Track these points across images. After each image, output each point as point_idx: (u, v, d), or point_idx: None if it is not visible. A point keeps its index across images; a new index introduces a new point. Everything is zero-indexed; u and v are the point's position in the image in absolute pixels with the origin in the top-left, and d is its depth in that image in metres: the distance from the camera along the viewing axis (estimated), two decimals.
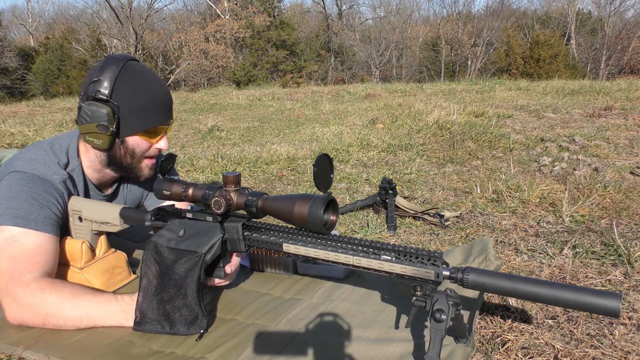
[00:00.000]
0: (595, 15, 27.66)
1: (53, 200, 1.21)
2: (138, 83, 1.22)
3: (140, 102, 1.22)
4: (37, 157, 1.24)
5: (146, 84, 1.23)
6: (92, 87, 1.19)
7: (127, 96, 1.20)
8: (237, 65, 23.56)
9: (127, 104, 1.20)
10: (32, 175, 1.19)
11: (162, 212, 1.21)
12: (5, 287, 1.10)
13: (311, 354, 1.03)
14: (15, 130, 4.73)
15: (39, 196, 1.18)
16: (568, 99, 6.16)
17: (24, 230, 1.14)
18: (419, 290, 0.93)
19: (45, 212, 1.18)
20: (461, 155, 3.18)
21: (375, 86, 10.85)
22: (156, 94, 1.25)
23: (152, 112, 1.25)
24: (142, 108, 1.23)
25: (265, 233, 1.09)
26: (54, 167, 1.24)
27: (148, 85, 1.24)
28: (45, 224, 1.17)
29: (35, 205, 1.17)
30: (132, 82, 1.21)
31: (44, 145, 1.28)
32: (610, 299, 0.80)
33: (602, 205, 2.02)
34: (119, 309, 1.12)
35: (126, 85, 1.20)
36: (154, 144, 1.30)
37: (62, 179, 1.24)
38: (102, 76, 1.18)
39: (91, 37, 24.10)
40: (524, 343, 1.06)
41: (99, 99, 1.18)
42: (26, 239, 1.14)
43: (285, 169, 3.02)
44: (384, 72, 27.75)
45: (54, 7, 53.94)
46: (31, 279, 1.10)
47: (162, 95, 1.27)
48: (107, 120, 1.18)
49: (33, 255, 1.13)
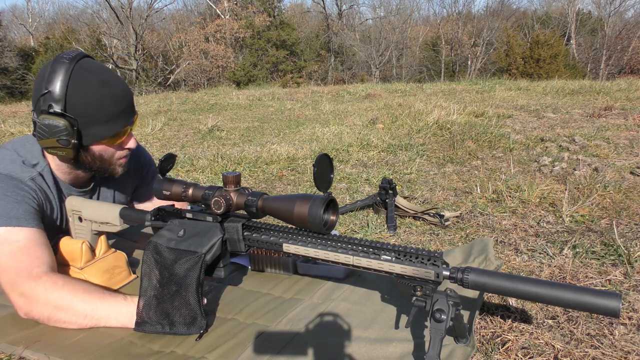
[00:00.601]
0: (595, 15, 27.67)
1: (26, 195, 1.18)
2: (92, 90, 1.15)
3: (99, 111, 1.16)
4: (2, 158, 1.21)
5: (102, 89, 1.16)
6: (42, 101, 1.12)
7: (84, 107, 1.14)
8: (237, 65, 23.56)
9: (85, 115, 1.15)
10: (0, 175, 1.17)
11: (162, 212, 1.21)
12: (12, 283, 1.10)
13: (311, 354, 1.03)
14: (15, 130, 4.73)
15: (11, 193, 1.16)
16: (568, 99, 6.16)
17: (7, 229, 1.13)
18: (419, 290, 0.93)
19: (22, 207, 1.16)
20: (461, 155, 3.18)
21: (375, 86, 10.85)
22: (114, 98, 1.18)
23: (113, 118, 1.19)
24: (101, 117, 1.17)
25: (265, 233, 1.09)
26: (21, 166, 1.21)
27: (104, 90, 1.17)
28: (27, 219, 1.16)
29: (10, 202, 1.15)
30: (86, 89, 1.14)
31: (7, 146, 1.26)
32: (610, 299, 0.80)
33: (602, 205, 2.02)
34: (126, 310, 1.12)
35: (80, 94, 1.13)
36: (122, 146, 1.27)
37: (31, 176, 1.21)
38: (51, 86, 1.11)
39: (91, 37, 24.11)
40: (524, 343, 1.06)
41: (54, 113, 1.11)
42: (15, 236, 1.13)
43: (285, 169, 3.03)
44: (384, 72, 27.76)
45: (54, 7, 54.00)
46: (42, 273, 1.11)
47: (121, 98, 1.20)
48: (66, 134, 1.13)
49: (30, 250, 1.13)
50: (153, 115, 6.42)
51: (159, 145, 4.26)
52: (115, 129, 1.22)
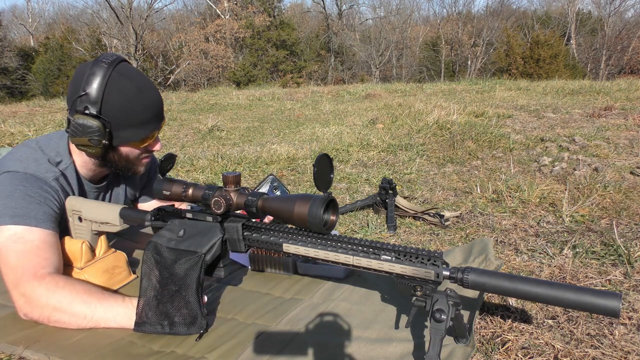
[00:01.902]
0: (595, 15, 27.67)
1: (49, 197, 1.21)
2: (128, 95, 1.19)
3: (132, 115, 1.21)
4: (28, 156, 1.24)
5: (137, 96, 1.21)
6: (79, 102, 1.16)
7: (118, 111, 1.19)
8: (237, 65, 23.56)
9: (119, 118, 1.19)
10: (25, 174, 1.19)
11: (162, 212, 1.21)
12: (16, 282, 1.11)
13: (311, 354, 1.03)
14: (15, 130, 4.73)
15: (34, 193, 1.18)
16: (568, 99, 6.16)
17: (26, 227, 1.15)
18: (419, 290, 0.93)
19: (43, 208, 1.19)
20: (461, 155, 3.18)
21: (375, 86, 10.85)
22: (148, 104, 1.23)
23: (145, 124, 1.25)
24: (134, 121, 1.22)
25: (265, 233, 1.09)
26: (46, 165, 1.24)
27: (139, 97, 1.21)
28: (45, 220, 1.18)
29: (32, 203, 1.17)
30: (122, 94, 1.18)
31: (32, 144, 1.28)
32: (610, 299, 0.80)
33: (602, 205, 2.02)
34: (125, 311, 1.13)
35: (115, 99, 1.17)
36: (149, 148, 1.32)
37: (55, 176, 1.24)
38: (88, 89, 1.15)
39: (91, 37, 24.11)
40: (524, 343, 1.06)
41: (89, 114, 1.16)
42: (30, 235, 1.15)
43: (285, 169, 3.03)
44: (384, 72, 27.76)
45: (54, 7, 53.98)
46: (46, 274, 1.12)
47: (154, 105, 1.26)
48: (99, 135, 1.17)
49: (41, 251, 1.15)
50: None
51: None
52: (145, 134, 1.26)
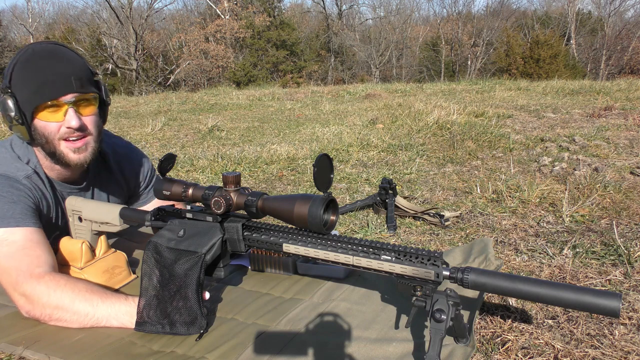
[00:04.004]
0: (595, 16, 27.66)
1: (22, 194, 1.20)
2: (30, 63, 1.19)
3: (29, 80, 1.18)
4: None
5: (38, 62, 1.19)
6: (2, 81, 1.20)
7: (20, 79, 1.18)
8: (237, 65, 23.55)
9: (20, 86, 1.18)
10: None
11: (162, 212, 1.22)
12: (13, 284, 1.11)
13: (311, 354, 1.03)
14: None
15: (7, 193, 1.17)
16: (568, 99, 6.16)
17: (6, 229, 1.14)
18: (419, 290, 0.93)
19: (19, 207, 1.17)
20: (461, 155, 3.18)
21: (375, 86, 10.85)
22: (45, 68, 1.19)
23: (41, 87, 1.18)
24: (31, 86, 1.18)
25: (265, 233, 1.09)
26: (16, 164, 1.23)
27: (39, 62, 1.19)
28: (24, 218, 1.17)
29: (7, 203, 1.16)
30: (26, 63, 1.19)
31: (5, 143, 1.28)
32: (610, 299, 0.80)
33: (602, 205, 2.02)
34: (126, 310, 1.12)
35: (21, 69, 1.19)
36: (61, 123, 1.22)
37: (27, 174, 1.24)
38: (7, 67, 1.20)
39: (91, 37, 24.10)
40: (524, 343, 1.06)
41: (3, 90, 1.19)
42: (13, 236, 1.14)
43: (285, 169, 3.03)
44: (384, 72, 27.75)
45: (54, 7, 53.88)
46: (44, 272, 1.12)
47: (53, 69, 1.19)
48: (9, 109, 1.18)
49: (29, 250, 1.14)
50: (153, 115, 6.42)
51: (159, 145, 4.26)
52: (44, 98, 1.18)
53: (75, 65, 1.23)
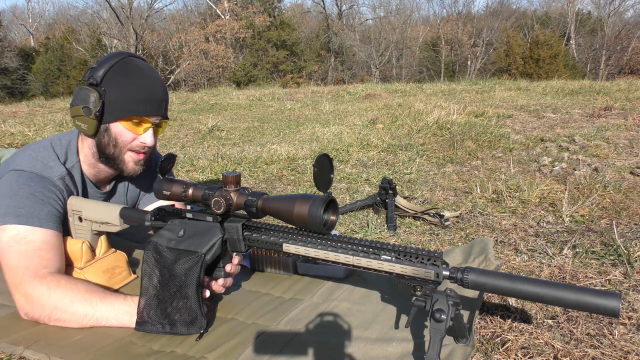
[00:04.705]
0: (594, 16, 27.66)
1: (53, 196, 1.22)
2: (130, 74, 1.24)
3: (126, 90, 1.22)
4: (37, 154, 1.25)
5: (138, 77, 1.24)
6: (88, 74, 1.23)
7: (116, 83, 1.22)
8: (237, 65, 23.55)
9: (114, 90, 1.22)
10: (31, 173, 1.21)
11: (162, 212, 1.22)
12: (18, 282, 1.12)
13: (311, 354, 1.03)
14: (16, 130, 4.74)
15: (39, 193, 1.19)
16: (568, 99, 6.16)
17: (29, 227, 1.15)
18: (419, 290, 0.93)
19: (47, 208, 1.20)
20: (461, 155, 3.18)
21: (375, 86, 10.85)
22: (145, 86, 1.25)
23: (137, 102, 1.24)
24: (127, 96, 1.22)
25: (265, 233, 1.09)
26: (53, 164, 1.25)
27: (139, 78, 1.24)
28: (49, 221, 1.19)
29: (37, 203, 1.18)
30: (125, 72, 1.23)
31: (46, 142, 1.30)
32: (610, 299, 0.80)
33: (602, 205, 2.02)
34: (126, 309, 1.13)
35: (118, 74, 1.22)
36: (137, 136, 1.27)
37: (61, 175, 1.26)
38: (100, 65, 1.23)
39: (91, 37, 24.11)
40: (524, 343, 1.06)
41: (90, 84, 1.21)
42: (33, 235, 1.16)
43: (285, 169, 3.03)
44: (384, 72, 27.75)
45: (54, 7, 53.86)
46: (47, 273, 1.14)
47: (152, 89, 1.26)
48: (91, 103, 1.20)
49: (43, 251, 1.16)
50: None
51: (159, 145, 4.25)
52: (135, 113, 1.24)
53: (165, 91, 1.33)
